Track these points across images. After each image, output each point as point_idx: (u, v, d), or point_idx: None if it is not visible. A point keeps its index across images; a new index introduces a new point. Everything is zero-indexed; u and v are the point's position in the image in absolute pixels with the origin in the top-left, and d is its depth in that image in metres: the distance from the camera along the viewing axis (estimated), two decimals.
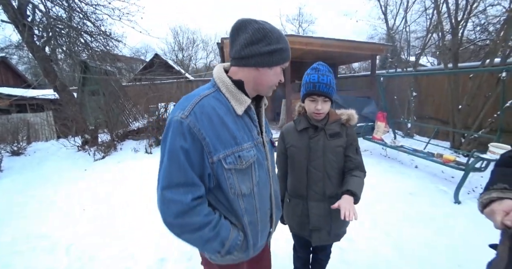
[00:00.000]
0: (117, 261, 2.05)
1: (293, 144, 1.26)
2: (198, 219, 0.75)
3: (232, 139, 0.79)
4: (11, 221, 2.88)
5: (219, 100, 0.80)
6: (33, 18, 5.36)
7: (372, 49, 6.08)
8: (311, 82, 1.15)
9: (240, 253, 0.87)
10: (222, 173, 0.78)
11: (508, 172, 0.70)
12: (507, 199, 0.62)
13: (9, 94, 8.52)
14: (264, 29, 0.78)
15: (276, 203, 1.00)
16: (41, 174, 4.62)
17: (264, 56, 0.79)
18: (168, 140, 0.75)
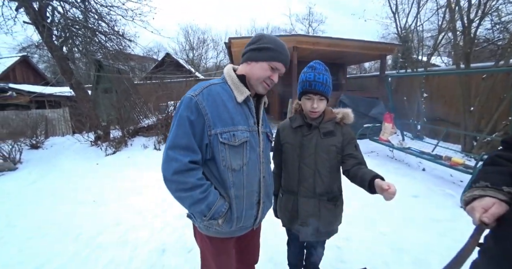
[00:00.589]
0: (121, 250, 2.16)
1: (287, 140, 1.29)
2: (192, 180, 0.88)
3: (230, 119, 0.94)
4: (26, 209, 3.08)
5: (224, 89, 0.98)
6: (52, 19, 5.64)
7: (382, 49, 5.97)
8: (307, 81, 1.17)
9: (224, 223, 0.96)
10: (217, 145, 0.92)
11: (491, 170, 0.70)
12: (487, 197, 0.63)
13: (29, 91, 9.01)
14: (262, 35, 1.01)
15: (266, 191, 1.07)
16: (56, 167, 4.88)
17: (253, 52, 0.99)
18: (179, 111, 0.92)
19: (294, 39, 5.34)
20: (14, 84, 9.68)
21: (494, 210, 0.60)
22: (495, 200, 0.62)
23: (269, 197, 1.12)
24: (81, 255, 2.12)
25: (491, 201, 0.62)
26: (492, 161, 0.73)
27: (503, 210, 0.60)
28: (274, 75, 1.01)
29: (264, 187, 1.06)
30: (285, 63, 1.02)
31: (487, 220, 0.60)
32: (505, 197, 0.62)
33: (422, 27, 5.79)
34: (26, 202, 3.33)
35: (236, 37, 5.59)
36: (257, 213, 1.05)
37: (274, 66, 0.99)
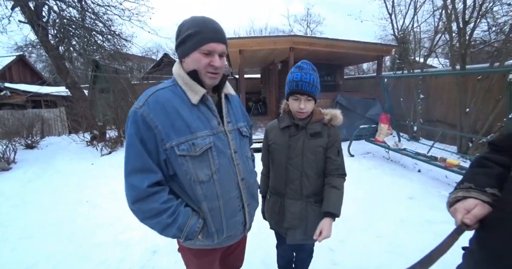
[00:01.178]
0: (113, 250, 2.15)
1: (275, 141, 1.26)
2: (155, 206, 0.80)
3: (186, 127, 0.83)
4: (20, 209, 3.05)
5: (174, 92, 0.86)
6: (48, 19, 5.62)
7: (378, 50, 6.00)
8: (294, 81, 1.13)
9: (204, 239, 0.90)
10: (176, 159, 0.82)
11: (475, 171, 0.70)
12: (471, 198, 0.62)
13: (25, 90, 8.95)
14: (180, 25, 0.86)
15: (249, 193, 1.01)
16: (51, 167, 4.84)
17: (180, 47, 0.86)
18: (127, 130, 0.82)
19: (290, 39, 5.35)
20: (10, 84, 9.63)
21: (476, 211, 0.60)
22: (478, 201, 0.61)
23: (254, 196, 1.07)
24: (73, 255, 2.10)
25: (474, 203, 0.61)
26: (478, 163, 0.72)
27: (485, 211, 0.60)
28: (213, 59, 0.84)
29: (246, 189, 0.99)
30: (216, 40, 0.84)
31: (469, 221, 0.59)
32: (488, 198, 0.61)
33: (419, 28, 5.83)
34: (20, 202, 3.30)
35: (232, 37, 5.60)
36: (244, 218, 0.99)
37: (206, 50, 0.83)
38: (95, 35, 6.17)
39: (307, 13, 22.00)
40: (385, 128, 4.75)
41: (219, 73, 0.89)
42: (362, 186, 3.43)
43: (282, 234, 1.33)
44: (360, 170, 4.17)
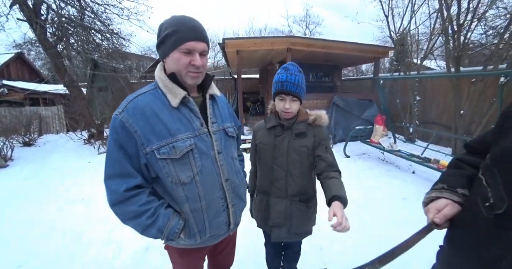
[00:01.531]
0: (106, 248, 2.17)
1: (261, 141, 1.29)
2: (134, 208, 0.82)
3: (166, 130, 0.83)
4: (15, 206, 3.07)
5: (155, 96, 0.86)
6: (47, 17, 5.63)
7: (375, 51, 6.04)
8: (280, 81, 1.16)
9: (187, 239, 0.91)
10: (156, 162, 0.83)
11: (449, 172, 0.73)
12: (442, 198, 0.65)
13: (23, 88, 8.94)
14: (160, 25, 0.85)
15: (234, 193, 1.01)
16: (48, 164, 4.85)
17: (159, 48, 0.87)
18: (109, 135, 0.85)
19: (287, 40, 5.38)
20: (8, 81, 9.61)
21: (446, 211, 0.62)
22: (449, 201, 0.64)
23: (241, 196, 1.07)
24: (66, 251, 2.13)
25: (445, 203, 0.64)
26: (454, 165, 0.75)
27: (455, 211, 0.62)
28: (193, 58, 0.83)
29: (231, 189, 0.99)
30: (196, 38, 0.82)
31: (438, 220, 0.62)
32: (459, 198, 0.63)
33: (417, 30, 5.87)
34: (16, 198, 3.32)
35: (229, 37, 5.61)
36: (228, 218, 0.99)
37: (185, 49, 0.81)
38: (93, 34, 6.19)
39: (306, 14, 22.00)
40: (380, 129, 4.79)
41: (202, 72, 0.88)
42: (356, 186, 3.46)
43: (268, 232, 1.35)
44: (355, 171, 4.20)
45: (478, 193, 0.57)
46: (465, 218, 0.60)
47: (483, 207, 0.53)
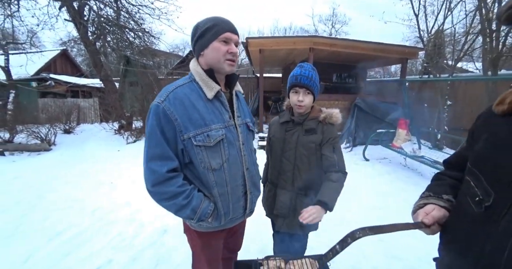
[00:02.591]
0: (128, 227, 2.41)
1: (274, 134, 1.36)
2: (172, 189, 0.89)
3: (202, 120, 0.92)
4: (55, 184, 3.50)
5: (191, 88, 0.95)
6: (88, 17, 6.20)
7: (402, 52, 5.74)
8: (294, 76, 1.23)
9: (213, 220, 1.00)
10: (192, 148, 0.91)
11: (433, 184, 0.80)
12: (430, 204, 0.71)
13: (66, 81, 9.92)
14: (196, 24, 0.96)
15: (252, 182, 1.11)
16: (83, 150, 5.39)
17: (199, 42, 0.95)
18: (149, 120, 0.90)
19: (310, 40, 5.34)
20: (54, 75, 10.72)
21: (434, 213, 0.67)
22: (436, 206, 0.69)
23: (256, 186, 1.15)
24: (94, 227, 2.40)
25: (432, 207, 0.69)
26: (436, 178, 0.82)
27: (442, 214, 0.67)
28: (230, 47, 0.94)
29: (249, 178, 1.08)
30: (231, 30, 0.94)
31: (427, 220, 0.66)
32: (445, 203, 0.69)
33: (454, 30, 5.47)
34: (56, 178, 3.77)
35: (252, 37, 5.71)
36: (246, 203, 1.08)
37: (224, 39, 0.92)
38: (127, 32, 6.68)
39: (333, 13, 21.40)
40: (403, 134, 4.58)
41: (236, 61, 0.98)
42: (370, 190, 3.39)
43: (274, 221, 1.42)
44: (372, 175, 4.09)
45: (467, 193, 0.61)
46: (457, 219, 0.64)
47: (473, 204, 0.57)
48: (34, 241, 2.16)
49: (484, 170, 0.57)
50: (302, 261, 1.12)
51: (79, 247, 2.09)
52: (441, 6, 5.30)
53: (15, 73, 8.01)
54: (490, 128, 0.60)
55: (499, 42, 3.90)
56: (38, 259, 1.95)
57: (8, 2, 5.73)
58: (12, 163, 4.60)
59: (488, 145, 0.59)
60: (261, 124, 6.01)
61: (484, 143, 0.60)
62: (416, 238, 2.28)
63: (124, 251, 2.04)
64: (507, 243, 0.49)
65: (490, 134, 0.59)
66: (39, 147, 5.33)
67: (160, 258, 1.96)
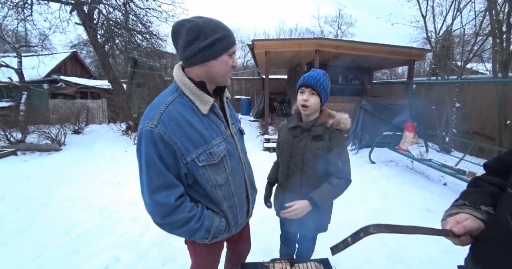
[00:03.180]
0: (134, 226, 2.45)
1: (283, 139, 1.38)
2: (183, 216, 0.84)
3: (201, 138, 0.85)
4: (64, 183, 3.58)
5: (183, 104, 0.85)
6: (98, 21, 6.36)
7: (409, 54, 5.67)
8: (302, 77, 1.26)
9: (225, 233, 0.98)
10: (197, 170, 0.86)
11: (470, 191, 0.71)
12: (462, 213, 0.63)
13: (76, 83, 10.16)
14: (197, 26, 0.80)
15: (251, 184, 1.12)
16: (92, 151, 5.50)
17: (205, 51, 0.82)
18: (142, 149, 0.80)
19: (316, 42, 5.34)
20: (64, 76, 10.99)
21: (466, 223, 0.60)
22: (470, 216, 0.61)
23: (254, 186, 1.16)
24: (102, 225, 2.45)
25: (465, 216, 0.61)
26: (473, 184, 0.73)
27: (476, 226, 0.60)
28: (233, 60, 0.90)
29: (249, 181, 1.09)
30: (235, 43, 0.91)
31: (457, 230, 0.59)
32: (482, 216, 0.61)
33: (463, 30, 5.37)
34: (65, 177, 3.86)
35: (258, 39, 5.75)
36: (248, 206, 1.10)
37: (232, 52, 0.88)
38: (135, 35, 6.81)
39: (339, 15, 21.29)
40: (410, 136, 4.53)
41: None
42: (375, 192, 3.35)
43: (283, 220, 1.43)
44: (377, 177, 4.05)
45: (507, 208, 0.54)
46: (493, 234, 0.57)
47: None
48: (45, 238, 2.23)
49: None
50: (308, 264, 1.13)
51: (88, 245, 2.14)
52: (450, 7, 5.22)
53: (27, 75, 8.26)
54: None
55: (510, 43, 3.82)
56: (49, 255, 2.00)
57: (22, 6, 5.93)
58: (24, 162, 4.74)
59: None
60: (267, 126, 6.02)
61: None
62: (421, 243, 2.25)
63: (131, 250, 2.08)
64: None
65: None
66: (49, 147, 5.47)
67: (166, 258, 1.99)
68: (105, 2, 6.35)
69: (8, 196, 3.16)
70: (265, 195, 1.51)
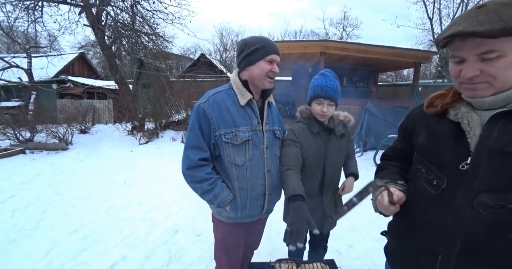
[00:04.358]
0: (141, 225, 2.48)
1: (310, 146, 1.27)
2: (201, 174, 1.07)
3: (232, 122, 1.09)
4: (72, 183, 3.64)
5: (228, 95, 1.13)
6: (105, 22, 6.47)
7: (415, 56, 5.64)
8: (319, 86, 1.24)
9: (231, 210, 1.13)
10: (222, 144, 1.08)
11: (383, 173, 0.88)
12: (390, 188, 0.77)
13: (83, 83, 10.32)
14: (244, 41, 1.13)
15: (272, 184, 1.18)
16: (98, 150, 5.58)
17: (247, 58, 1.10)
18: (192, 117, 1.11)
19: (321, 44, 5.35)
20: (72, 77, 11.18)
21: (398, 193, 0.76)
22: (396, 188, 0.78)
23: (276, 189, 1.22)
24: (109, 224, 2.49)
25: (394, 189, 0.77)
26: (382, 167, 0.93)
27: (402, 195, 0.76)
28: (273, 66, 1.11)
29: (270, 180, 1.17)
30: (276, 52, 1.11)
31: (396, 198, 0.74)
32: (401, 188, 0.78)
33: None
34: (73, 177, 3.93)
35: None
36: (264, 203, 1.18)
37: (270, 59, 1.09)
38: (142, 36, 6.91)
39: (344, 16, 21.23)
40: None
41: (274, 79, 1.15)
42: None
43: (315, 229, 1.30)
44: None
45: (421, 178, 0.73)
46: (415, 199, 0.74)
47: (430, 187, 0.69)
48: (54, 236, 2.28)
49: (432, 159, 0.70)
50: (314, 265, 1.15)
51: (95, 243, 2.18)
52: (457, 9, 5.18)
53: (36, 75, 8.43)
54: (428, 125, 0.74)
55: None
56: (58, 252, 2.05)
57: (33, 9, 6.07)
58: (32, 161, 4.83)
59: (430, 139, 0.71)
60: None
61: (426, 138, 0.73)
62: None
63: (137, 249, 2.11)
64: (465, 214, 0.60)
65: (429, 130, 0.73)
66: (57, 146, 5.57)
67: (172, 257, 2.01)
68: (113, 4, 6.46)
69: (18, 193, 3.23)
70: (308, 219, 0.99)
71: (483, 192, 0.58)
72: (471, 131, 0.61)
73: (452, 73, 0.65)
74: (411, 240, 0.75)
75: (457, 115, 0.65)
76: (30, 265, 1.89)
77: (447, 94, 0.71)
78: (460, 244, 0.61)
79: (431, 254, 0.67)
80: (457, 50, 0.60)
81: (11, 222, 2.52)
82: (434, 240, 0.66)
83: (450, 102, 0.68)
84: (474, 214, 0.59)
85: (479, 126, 0.61)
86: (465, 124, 0.62)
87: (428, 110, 0.74)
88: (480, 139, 0.60)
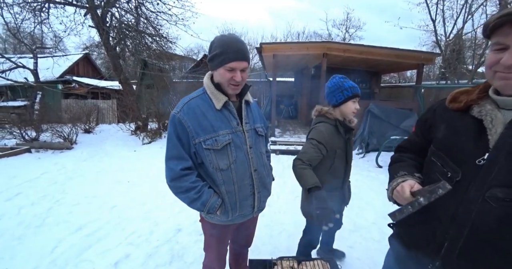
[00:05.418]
0: (144, 224, 2.52)
1: (338, 146, 1.40)
2: (186, 184, 1.05)
3: (211, 127, 1.06)
4: (77, 181, 3.70)
5: (203, 100, 1.09)
6: (110, 24, 6.55)
7: (418, 57, 5.63)
8: (352, 87, 1.37)
9: (221, 214, 1.13)
10: (203, 151, 1.06)
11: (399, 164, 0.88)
12: (409, 180, 0.77)
13: (88, 83, 10.44)
14: (212, 42, 1.05)
15: (261, 182, 1.20)
16: (102, 150, 5.65)
17: (210, 63, 1.07)
18: (168, 127, 1.09)
19: (324, 45, 5.37)
20: (77, 77, 11.32)
21: (417, 186, 0.75)
22: (415, 181, 0.78)
23: (266, 186, 1.25)
24: (113, 223, 2.53)
25: (413, 182, 0.76)
26: (397, 159, 0.93)
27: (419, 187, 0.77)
28: (235, 75, 1.02)
29: (258, 179, 1.18)
30: (237, 59, 1.00)
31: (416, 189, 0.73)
32: (418, 180, 0.79)
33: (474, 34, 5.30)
34: (77, 175, 3.98)
35: (267, 42, 5.81)
36: (254, 202, 1.19)
37: (229, 67, 1.01)
38: (146, 37, 6.98)
39: (347, 18, 21.19)
40: None
41: (240, 85, 1.08)
42: (383, 197, 3.33)
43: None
44: (385, 182, 3.96)
45: (436, 171, 0.74)
46: None
47: (446, 180, 0.67)
48: (59, 233, 2.32)
49: (449, 153, 0.71)
50: (314, 262, 1.17)
51: (99, 241, 2.21)
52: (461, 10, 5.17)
53: (42, 76, 8.55)
54: (448, 120, 0.74)
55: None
56: (63, 250, 2.08)
57: (39, 10, 6.18)
58: (38, 159, 4.91)
59: (450, 134, 0.72)
60: (273, 128, 6.05)
61: (445, 132, 0.74)
62: None
63: (141, 247, 2.14)
64: (475, 206, 0.63)
65: (449, 125, 0.74)
66: (62, 145, 5.64)
67: (174, 255, 2.04)
68: (118, 6, 6.55)
69: (24, 191, 3.29)
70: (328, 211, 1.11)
71: (496, 187, 0.60)
72: (493, 128, 0.62)
73: (489, 63, 0.64)
74: (423, 228, 0.76)
75: (481, 112, 0.66)
76: (36, 262, 1.93)
77: (473, 91, 0.71)
78: (467, 233, 0.64)
79: (440, 242, 0.69)
80: (504, 37, 0.59)
81: (18, 219, 2.57)
82: (445, 228, 0.69)
83: (475, 99, 0.68)
84: (485, 206, 0.61)
85: (502, 124, 0.62)
86: (488, 121, 0.63)
87: (451, 105, 0.73)
88: (501, 137, 0.61)
